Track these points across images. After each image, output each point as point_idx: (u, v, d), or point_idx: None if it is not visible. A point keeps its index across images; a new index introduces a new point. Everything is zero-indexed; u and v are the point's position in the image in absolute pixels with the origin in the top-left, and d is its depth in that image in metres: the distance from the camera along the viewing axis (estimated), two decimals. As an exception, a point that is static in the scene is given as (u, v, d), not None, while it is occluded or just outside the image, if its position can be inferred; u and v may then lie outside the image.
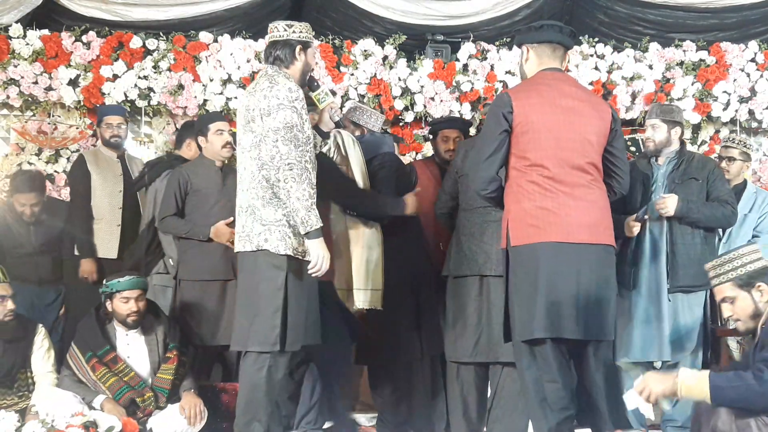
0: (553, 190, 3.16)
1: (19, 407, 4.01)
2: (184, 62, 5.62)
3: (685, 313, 4.20)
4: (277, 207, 3.29)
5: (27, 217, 4.85)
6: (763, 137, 6.07)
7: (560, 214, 3.15)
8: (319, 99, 3.53)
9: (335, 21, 5.89)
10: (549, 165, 3.17)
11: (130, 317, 4.02)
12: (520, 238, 3.17)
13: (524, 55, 3.34)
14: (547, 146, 3.18)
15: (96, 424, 3.75)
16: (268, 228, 3.28)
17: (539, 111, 3.20)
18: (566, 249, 3.14)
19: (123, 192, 4.89)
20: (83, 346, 4.03)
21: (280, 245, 3.27)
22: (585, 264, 3.17)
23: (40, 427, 3.66)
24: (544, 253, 3.14)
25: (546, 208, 3.15)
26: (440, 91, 5.73)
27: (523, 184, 3.19)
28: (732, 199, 4.24)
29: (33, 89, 5.56)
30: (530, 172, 3.18)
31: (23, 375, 4.12)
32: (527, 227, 3.16)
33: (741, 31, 5.90)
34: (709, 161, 4.38)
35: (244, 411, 3.31)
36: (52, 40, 5.56)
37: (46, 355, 4.15)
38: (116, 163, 4.95)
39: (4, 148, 5.70)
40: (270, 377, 3.27)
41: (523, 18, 5.88)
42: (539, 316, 3.13)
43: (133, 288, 4.04)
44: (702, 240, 4.18)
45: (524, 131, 3.18)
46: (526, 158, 3.18)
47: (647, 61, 5.84)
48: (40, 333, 4.17)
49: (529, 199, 3.17)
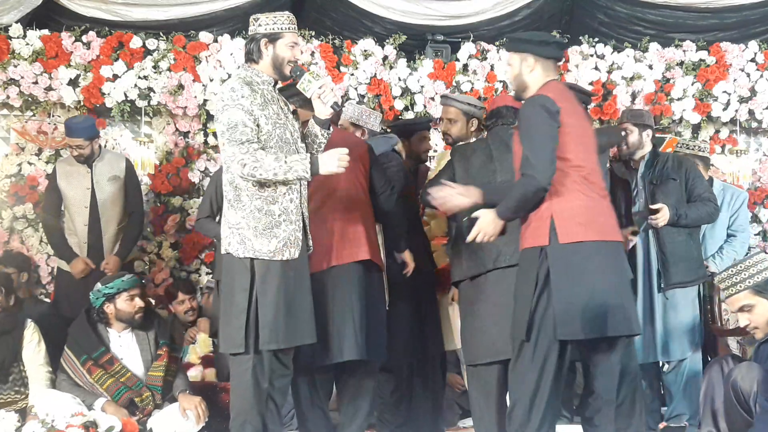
0: (592, 191, 3.26)
1: (19, 407, 4.02)
2: (184, 62, 5.62)
3: (678, 313, 4.23)
4: (237, 209, 3.27)
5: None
6: (763, 137, 6.07)
7: (602, 213, 3.27)
8: (303, 88, 3.36)
9: (335, 21, 5.88)
10: (588, 166, 3.28)
11: (137, 314, 4.06)
12: (568, 236, 3.19)
13: (528, 65, 3.37)
14: (584, 149, 3.29)
15: (96, 424, 3.76)
16: (231, 231, 3.28)
17: (573, 115, 3.30)
18: (608, 247, 3.24)
19: (89, 207, 4.92)
20: (77, 350, 4.03)
21: (240, 249, 3.27)
22: (621, 260, 3.31)
23: (40, 427, 3.66)
24: (592, 251, 3.19)
25: (590, 207, 3.24)
26: (440, 91, 5.72)
27: (566, 183, 3.23)
28: (712, 195, 4.39)
29: (33, 89, 5.55)
30: (572, 172, 3.24)
31: (16, 369, 4.13)
32: (576, 225, 3.19)
33: (741, 31, 5.89)
34: (685, 160, 4.47)
35: (238, 412, 3.31)
36: (52, 40, 5.56)
37: (36, 348, 4.16)
38: (86, 175, 4.96)
39: (4, 148, 5.70)
40: (256, 378, 3.26)
41: (523, 18, 5.88)
42: (589, 315, 3.14)
43: (135, 285, 4.10)
44: (687, 236, 4.30)
45: (566, 132, 3.25)
46: (567, 159, 3.24)
47: (647, 61, 5.83)
48: (29, 327, 4.19)
49: (575, 198, 3.22)
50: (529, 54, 3.37)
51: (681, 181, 4.30)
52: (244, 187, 3.28)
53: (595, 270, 3.17)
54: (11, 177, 5.60)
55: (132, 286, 4.08)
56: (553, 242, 3.18)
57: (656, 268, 4.24)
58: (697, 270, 4.30)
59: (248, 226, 3.26)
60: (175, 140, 5.72)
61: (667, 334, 4.23)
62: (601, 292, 3.16)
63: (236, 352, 3.27)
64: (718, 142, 5.94)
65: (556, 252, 3.18)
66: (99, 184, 4.97)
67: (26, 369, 4.13)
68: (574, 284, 3.15)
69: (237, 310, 3.27)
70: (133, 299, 4.05)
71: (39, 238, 5.53)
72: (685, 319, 4.23)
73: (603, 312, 3.15)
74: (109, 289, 4.05)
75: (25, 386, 4.10)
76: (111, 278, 4.14)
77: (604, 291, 3.16)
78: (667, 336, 4.23)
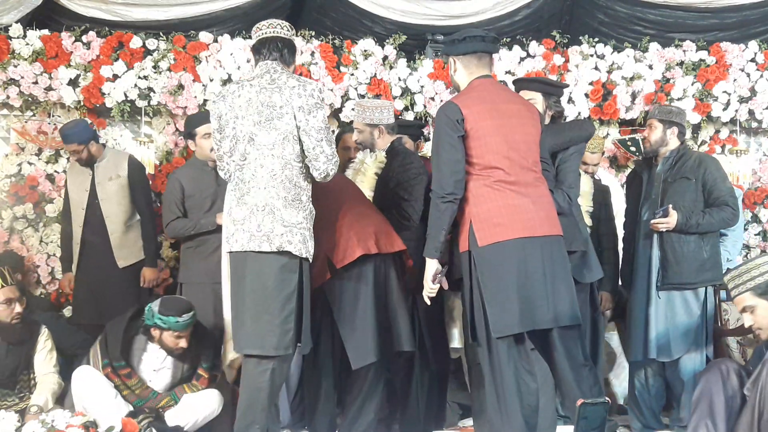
0: (509, 191, 3.29)
1: (19, 407, 4.01)
2: (184, 62, 5.62)
3: (681, 313, 4.21)
4: (299, 209, 3.28)
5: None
6: (763, 137, 6.06)
7: (521, 210, 3.29)
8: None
9: (335, 21, 5.88)
10: (503, 167, 3.30)
11: (177, 351, 4.01)
12: (487, 238, 3.25)
13: (452, 66, 3.47)
14: (498, 149, 3.31)
15: (96, 424, 3.75)
16: (290, 230, 3.24)
17: (487, 116, 3.33)
18: (532, 243, 3.27)
19: (85, 209, 4.94)
20: (103, 351, 4.00)
21: (302, 248, 3.27)
22: (548, 255, 3.31)
23: (40, 427, 3.66)
24: (513, 249, 3.24)
25: (508, 206, 3.27)
26: (440, 91, 5.72)
27: (479, 187, 3.30)
28: (732, 199, 4.22)
29: (33, 89, 5.55)
30: (485, 175, 3.30)
31: (25, 376, 4.13)
32: (493, 227, 3.25)
33: (741, 31, 5.89)
34: (707, 160, 4.34)
35: (245, 413, 3.28)
36: (52, 40, 5.56)
37: (48, 356, 4.16)
38: (87, 177, 4.98)
39: (4, 148, 5.70)
40: (273, 381, 3.25)
41: (523, 18, 5.87)
42: (516, 311, 3.21)
43: (186, 328, 3.97)
44: (697, 237, 4.17)
45: (476, 136, 3.30)
46: (479, 163, 3.30)
47: (647, 61, 5.83)
48: (43, 334, 4.17)
49: (490, 200, 3.28)
50: (450, 55, 3.48)
51: (698, 180, 4.19)
52: (305, 188, 3.34)
53: (517, 266, 3.23)
54: (11, 177, 5.59)
55: (183, 329, 3.94)
56: (474, 246, 3.26)
57: (656, 267, 4.21)
58: (703, 273, 4.18)
59: (307, 228, 3.29)
60: (175, 140, 5.71)
61: (665, 335, 4.22)
62: (525, 287, 3.22)
63: (281, 355, 3.25)
64: (718, 142, 5.94)
65: (478, 255, 3.26)
66: (101, 184, 4.97)
67: (36, 375, 4.12)
68: (499, 282, 3.22)
69: (285, 312, 3.23)
70: (179, 339, 3.96)
71: (39, 238, 5.54)
72: (683, 321, 4.21)
73: (530, 305, 3.23)
74: (162, 322, 3.93)
75: (31, 392, 4.08)
76: (171, 311, 3.93)
77: (529, 285, 3.23)
78: (664, 336, 4.22)
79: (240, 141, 3.34)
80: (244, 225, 3.30)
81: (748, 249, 5.84)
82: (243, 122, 3.34)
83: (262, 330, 3.24)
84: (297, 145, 3.30)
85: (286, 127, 3.27)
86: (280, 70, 3.36)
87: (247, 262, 3.31)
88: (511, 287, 3.21)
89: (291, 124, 3.28)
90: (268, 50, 3.43)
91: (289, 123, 3.27)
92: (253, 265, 3.29)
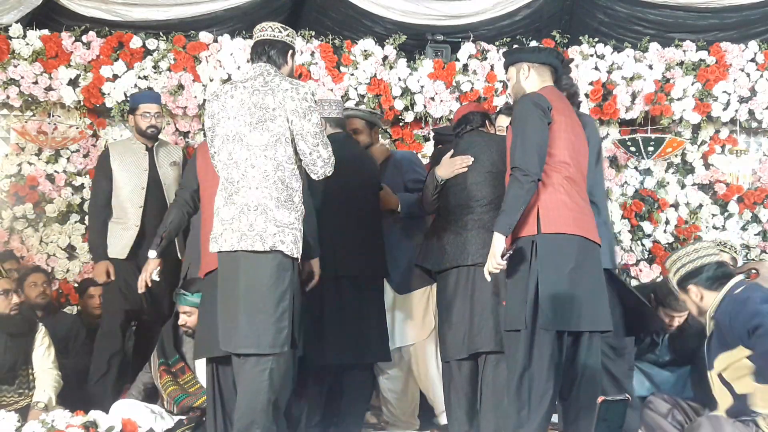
0: (574, 189, 3.38)
1: (20, 406, 4.02)
2: (184, 62, 5.62)
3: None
4: (291, 210, 3.28)
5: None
6: (763, 137, 6.07)
7: (584, 211, 3.38)
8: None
9: (335, 21, 5.88)
10: (572, 165, 3.38)
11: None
12: (552, 226, 3.29)
13: (524, 72, 3.54)
14: (571, 149, 3.40)
15: (96, 424, 3.75)
16: (282, 230, 3.24)
17: (563, 114, 3.41)
18: (587, 245, 3.35)
19: (146, 189, 4.67)
20: (159, 353, 4.05)
21: (294, 248, 3.27)
22: (597, 261, 3.43)
23: (40, 427, 3.66)
24: (574, 244, 3.31)
25: (574, 203, 3.35)
26: (440, 91, 5.72)
27: (552, 176, 3.35)
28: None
29: (33, 89, 5.55)
30: (558, 168, 3.35)
31: (24, 372, 4.15)
32: (559, 217, 3.30)
33: (741, 31, 5.89)
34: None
35: (244, 414, 3.24)
36: (52, 40, 5.56)
37: (46, 352, 4.18)
38: (144, 156, 4.74)
39: (4, 148, 5.70)
40: (272, 380, 3.24)
41: (523, 18, 5.87)
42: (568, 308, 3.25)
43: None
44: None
45: (556, 129, 3.37)
46: (555, 155, 3.36)
47: (647, 61, 5.83)
48: (40, 331, 4.21)
49: (560, 192, 3.34)
50: (524, 62, 3.54)
51: None
52: (297, 189, 3.33)
53: (575, 261, 3.29)
54: (11, 177, 5.60)
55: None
56: (539, 232, 3.30)
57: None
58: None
59: (299, 229, 3.30)
60: (175, 140, 5.71)
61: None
62: (576, 285, 3.27)
63: (276, 353, 3.24)
64: (718, 142, 5.94)
65: (542, 241, 3.29)
66: (162, 168, 4.74)
67: (35, 371, 4.14)
68: (557, 272, 3.26)
69: (279, 310, 3.23)
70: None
71: (39, 238, 5.54)
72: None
73: (578, 304, 3.28)
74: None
75: (30, 389, 4.10)
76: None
77: (579, 284, 3.28)
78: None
79: (228, 141, 3.35)
80: (233, 224, 3.28)
81: (748, 249, 5.84)
82: (234, 122, 3.34)
83: (257, 329, 3.23)
84: (289, 147, 3.31)
85: (278, 129, 3.28)
86: (273, 72, 3.38)
87: (239, 261, 3.28)
88: (565, 281, 3.26)
89: (284, 127, 3.29)
90: (257, 53, 3.46)
91: (281, 125, 3.28)
92: (246, 264, 3.27)
